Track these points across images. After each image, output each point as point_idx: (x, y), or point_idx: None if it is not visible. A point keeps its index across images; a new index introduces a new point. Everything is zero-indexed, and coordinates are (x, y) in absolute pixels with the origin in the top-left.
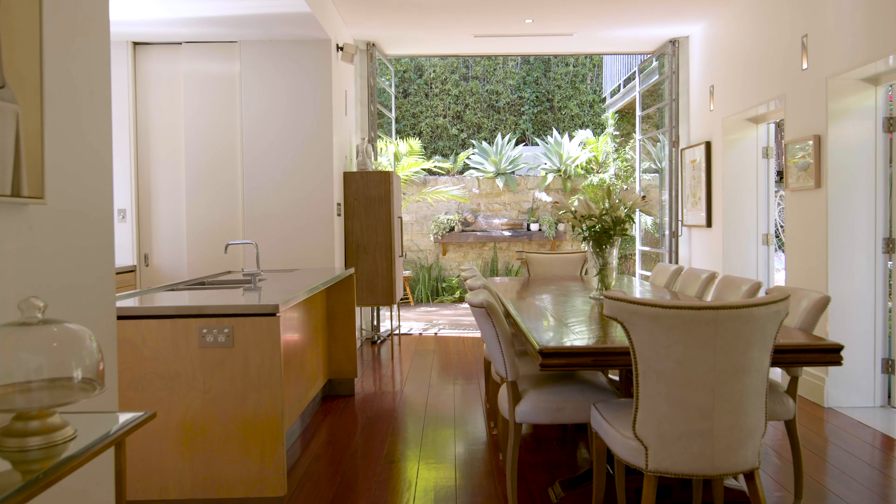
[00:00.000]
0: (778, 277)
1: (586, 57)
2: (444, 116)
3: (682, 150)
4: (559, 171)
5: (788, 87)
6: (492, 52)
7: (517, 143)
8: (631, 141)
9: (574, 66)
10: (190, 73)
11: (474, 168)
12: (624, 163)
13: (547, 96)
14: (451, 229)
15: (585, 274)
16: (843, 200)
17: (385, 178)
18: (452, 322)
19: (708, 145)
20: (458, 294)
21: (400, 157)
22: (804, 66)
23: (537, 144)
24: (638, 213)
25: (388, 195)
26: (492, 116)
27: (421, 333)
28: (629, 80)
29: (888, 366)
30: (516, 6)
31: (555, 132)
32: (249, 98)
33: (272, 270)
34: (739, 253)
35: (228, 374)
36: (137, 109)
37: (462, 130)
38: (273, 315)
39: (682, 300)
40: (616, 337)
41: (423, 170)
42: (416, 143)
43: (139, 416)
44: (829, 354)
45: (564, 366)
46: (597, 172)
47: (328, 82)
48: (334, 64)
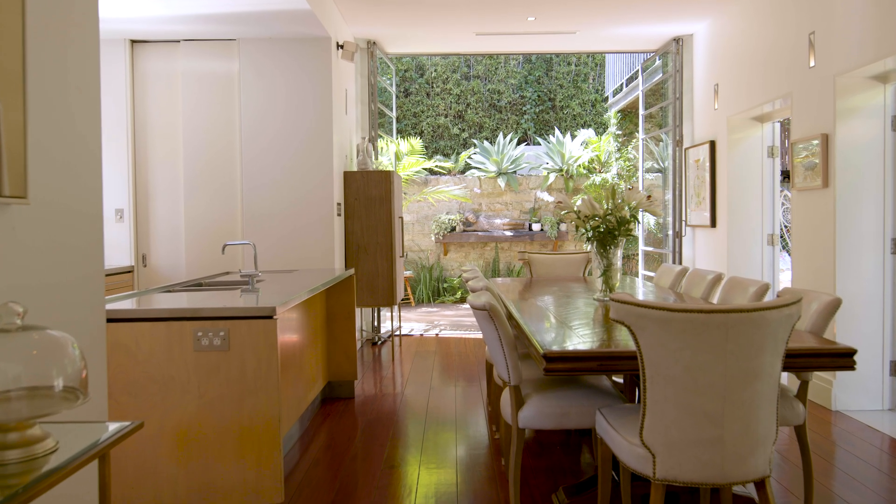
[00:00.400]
0: (782, 278)
1: (588, 56)
2: (446, 116)
3: (686, 149)
4: (561, 170)
5: (795, 86)
6: (494, 50)
7: (519, 143)
8: (633, 140)
9: (576, 66)
10: (188, 71)
11: (476, 168)
12: (626, 162)
13: (549, 95)
14: (453, 229)
15: (589, 275)
16: (851, 200)
17: (386, 178)
18: (454, 323)
19: (712, 144)
20: (459, 294)
21: (401, 156)
22: (811, 63)
23: (539, 144)
24: (641, 212)
25: (389, 195)
26: (493, 116)
27: (422, 334)
28: (632, 79)
29: None
30: (518, 4)
31: (557, 132)
32: (248, 97)
33: (271, 271)
34: (744, 253)
35: (224, 378)
36: (135, 108)
37: (463, 130)
38: (270, 318)
39: (691, 303)
40: (621, 340)
41: (425, 169)
42: (417, 143)
43: (125, 426)
44: (841, 359)
45: (569, 370)
46: (599, 172)
47: (328, 81)
48: (334, 62)
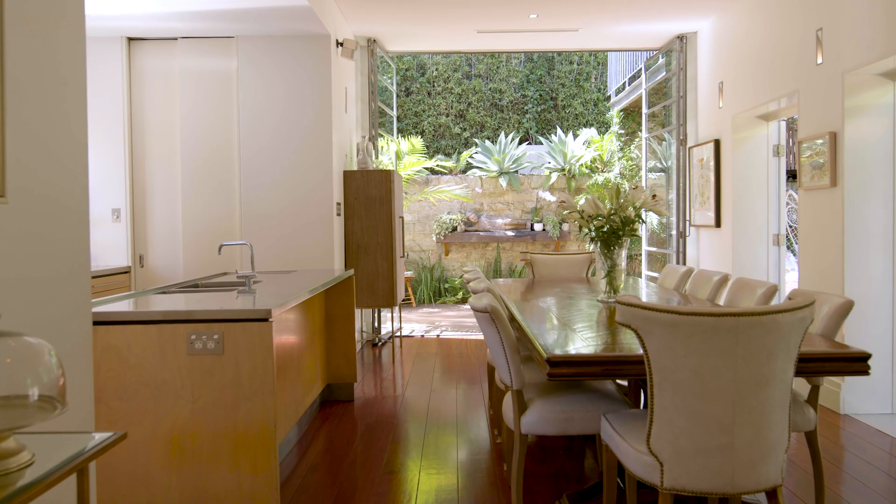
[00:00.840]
0: (788, 279)
1: (591, 54)
2: (447, 115)
3: (690, 148)
4: (563, 170)
5: (802, 83)
6: (495, 48)
7: (520, 142)
8: (636, 139)
9: (578, 64)
10: (186, 69)
11: (477, 167)
12: (629, 162)
13: (551, 94)
14: (454, 229)
15: (592, 275)
16: (860, 199)
17: (386, 177)
18: (455, 324)
19: (717, 143)
20: (460, 295)
21: (401, 155)
22: (819, 60)
23: (541, 143)
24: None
25: (390, 194)
26: (495, 115)
27: (423, 335)
28: (634, 77)
29: None
30: (520, 1)
31: (559, 131)
32: (247, 95)
33: (269, 272)
34: (749, 253)
35: (218, 382)
36: (132, 107)
37: (465, 129)
38: (265, 320)
39: (700, 306)
40: (626, 343)
41: (426, 169)
42: (418, 142)
43: (107, 437)
44: (855, 363)
45: (574, 375)
46: (601, 172)
47: (327, 79)
48: (334, 60)
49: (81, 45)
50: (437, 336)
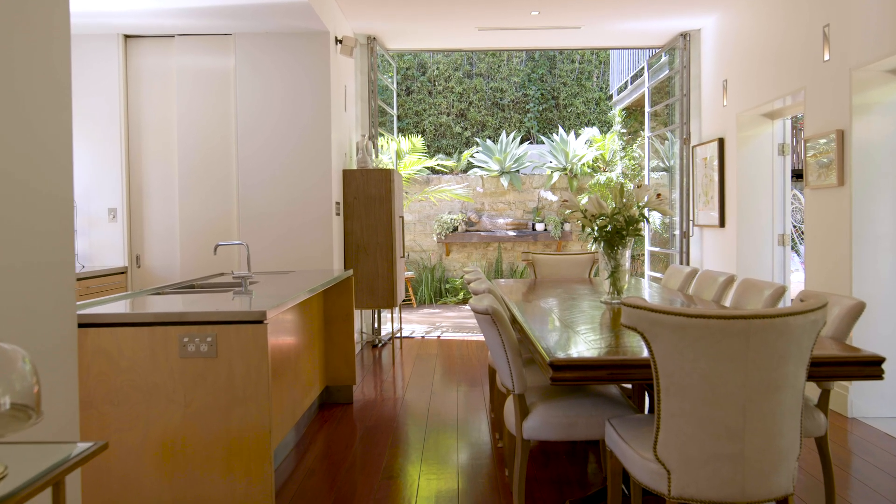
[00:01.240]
0: (792, 279)
1: (592, 53)
2: (448, 114)
3: (694, 147)
4: (565, 169)
5: (808, 80)
6: (496, 46)
7: (522, 142)
8: (639, 139)
9: (580, 63)
10: (183, 67)
11: (478, 166)
12: (631, 161)
13: (552, 94)
14: (455, 229)
15: (594, 276)
16: (868, 198)
17: (386, 177)
18: (456, 324)
19: (721, 142)
20: (461, 295)
21: (402, 154)
22: (826, 57)
23: (542, 143)
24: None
25: (390, 194)
26: (496, 114)
27: (423, 336)
28: (637, 76)
29: None
30: None
31: (560, 130)
32: (244, 93)
33: (267, 272)
34: (754, 253)
35: (211, 386)
36: (128, 105)
37: (466, 128)
38: (260, 322)
39: (709, 308)
40: (630, 345)
41: (426, 168)
42: (418, 141)
43: (87, 447)
44: (868, 367)
45: (577, 380)
46: (603, 171)
47: (326, 76)
48: (333, 57)
49: (66, 30)
50: (438, 337)
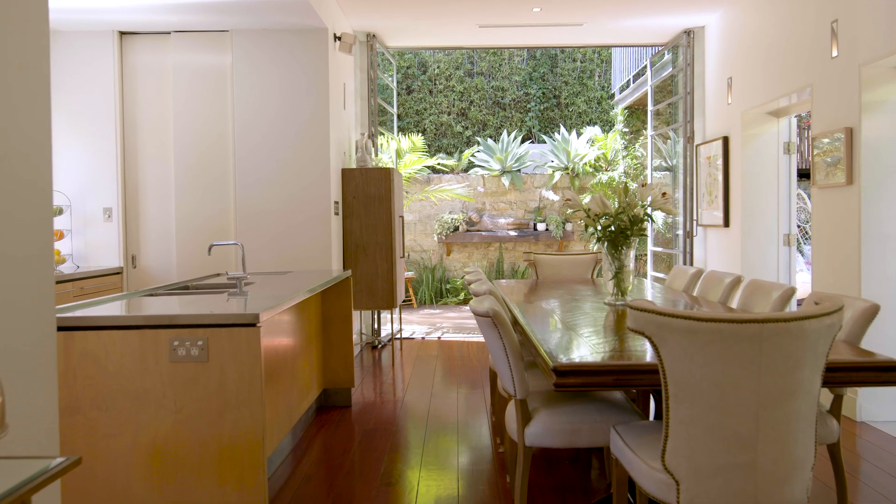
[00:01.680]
0: (798, 279)
1: (594, 52)
2: (449, 113)
3: (697, 145)
4: (567, 168)
5: (816, 77)
6: (497, 44)
7: (523, 141)
8: (641, 138)
9: (581, 62)
10: (179, 64)
11: (479, 166)
12: (634, 160)
13: (554, 92)
14: (456, 229)
15: (597, 276)
16: (877, 197)
17: (386, 176)
18: (457, 325)
19: (725, 140)
20: (462, 296)
21: (402, 153)
22: (834, 53)
23: (544, 142)
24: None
25: (389, 193)
26: (497, 113)
27: (424, 338)
28: (639, 74)
29: None
30: None
31: (562, 129)
32: (242, 90)
33: (264, 273)
34: (759, 254)
35: (203, 391)
36: (124, 103)
37: (467, 128)
38: (253, 325)
39: (720, 311)
40: (635, 349)
41: (427, 167)
42: (418, 140)
43: (58, 463)
44: (886, 373)
45: (583, 385)
46: (605, 170)
47: (325, 74)
48: (331, 55)
49: (44, 23)
50: (439, 338)
